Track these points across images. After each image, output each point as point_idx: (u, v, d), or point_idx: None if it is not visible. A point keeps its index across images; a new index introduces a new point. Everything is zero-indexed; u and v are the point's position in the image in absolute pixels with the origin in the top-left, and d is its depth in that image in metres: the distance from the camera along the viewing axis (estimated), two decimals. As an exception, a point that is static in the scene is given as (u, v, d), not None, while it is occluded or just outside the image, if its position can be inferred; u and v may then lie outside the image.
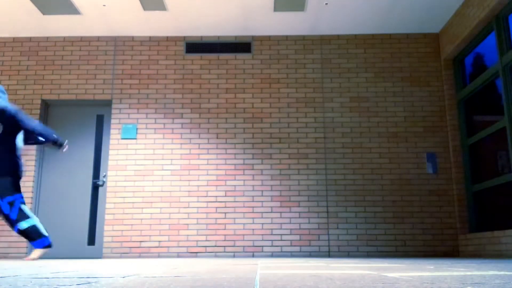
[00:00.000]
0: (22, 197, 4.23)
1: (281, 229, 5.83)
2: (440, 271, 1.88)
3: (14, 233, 5.82)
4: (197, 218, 5.87)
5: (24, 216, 4.14)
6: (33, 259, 4.21)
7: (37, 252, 4.19)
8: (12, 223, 4.13)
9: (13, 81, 6.30)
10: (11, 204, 4.14)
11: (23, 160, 6.00)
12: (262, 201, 5.91)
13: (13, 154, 4.22)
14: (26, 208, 4.21)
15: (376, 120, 6.15)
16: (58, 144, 4.49)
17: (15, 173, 4.21)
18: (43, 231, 4.20)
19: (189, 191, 5.95)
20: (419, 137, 6.09)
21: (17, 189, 4.20)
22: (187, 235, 5.82)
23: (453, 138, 6.01)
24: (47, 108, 6.35)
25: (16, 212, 4.14)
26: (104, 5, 5.68)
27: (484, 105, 5.73)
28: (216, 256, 5.74)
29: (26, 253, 5.76)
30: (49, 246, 4.22)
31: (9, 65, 6.36)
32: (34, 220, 4.17)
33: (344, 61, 6.36)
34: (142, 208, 5.90)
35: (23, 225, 4.13)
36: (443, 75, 6.25)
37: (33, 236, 4.15)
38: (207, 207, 5.90)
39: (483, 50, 5.66)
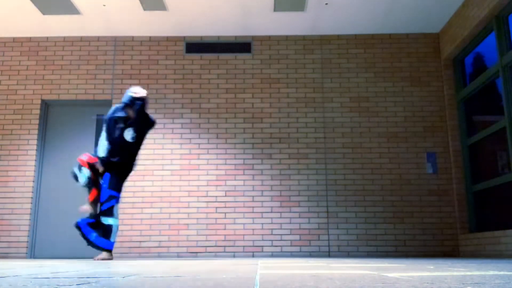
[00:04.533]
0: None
1: (281, 229, 5.83)
2: (440, 271, 1.88)
3: (14, 233, 5.82)
4: (197, 218, 5.87)
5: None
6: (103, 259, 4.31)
7: (105, 254, 4.33)
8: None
9: (13, 81, 6.30)
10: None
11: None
12: (262, 201, 5.91)
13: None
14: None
15: (376, 120, 6.15)
16: None
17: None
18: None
19: (189, 191, 5.95)
20: (419, 137, 6.09)
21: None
22: (187, 235, 5.82)
23: (453, 138, 6.01)
24: (47, 108, 6.35)
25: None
26: (104, 5, 5.68)
27: (484, 105, 5.73)
28: (216, 256, 5.74)
29: (26, 253, 5.76)
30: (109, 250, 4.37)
31: (9, 65, 6.36)
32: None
33: (344, 61, 6.36)
34: (142, 208, 5.90)
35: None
36: (443, 75, 6.25)
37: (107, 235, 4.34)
38: (207, 207, 5.90)
39: (483, 50, 5.66)
